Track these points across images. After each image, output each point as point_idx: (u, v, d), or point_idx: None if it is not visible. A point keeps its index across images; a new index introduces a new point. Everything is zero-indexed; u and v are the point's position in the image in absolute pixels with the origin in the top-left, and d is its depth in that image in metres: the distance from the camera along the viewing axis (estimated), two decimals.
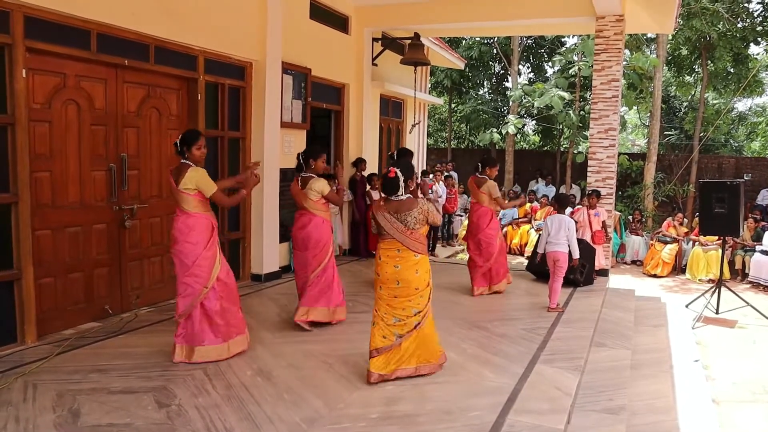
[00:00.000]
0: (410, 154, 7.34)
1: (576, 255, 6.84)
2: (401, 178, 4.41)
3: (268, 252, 7.68)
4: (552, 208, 7.18)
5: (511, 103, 19.70)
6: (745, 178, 17.51)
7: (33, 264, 5.04)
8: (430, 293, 4.59)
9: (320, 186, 5.65)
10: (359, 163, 9.71)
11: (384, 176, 4.50)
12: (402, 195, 4.46)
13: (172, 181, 4.77)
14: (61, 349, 4.95)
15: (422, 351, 4.59)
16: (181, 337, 4.77)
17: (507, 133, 17.99)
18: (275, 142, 7.66)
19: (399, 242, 4.44)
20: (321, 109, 9.32)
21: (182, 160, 4.76)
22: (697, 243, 11.85)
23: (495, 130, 18.98)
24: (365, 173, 9.67)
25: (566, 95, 16.20)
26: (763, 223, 11.65)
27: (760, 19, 17.75)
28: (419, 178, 5.00)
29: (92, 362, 4.71)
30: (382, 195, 4.57)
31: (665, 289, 10.85)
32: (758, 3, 18.08)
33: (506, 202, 7.28)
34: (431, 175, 11.72)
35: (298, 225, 5.72)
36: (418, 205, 4.44)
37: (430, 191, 10.83)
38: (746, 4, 17.46)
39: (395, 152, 7.38)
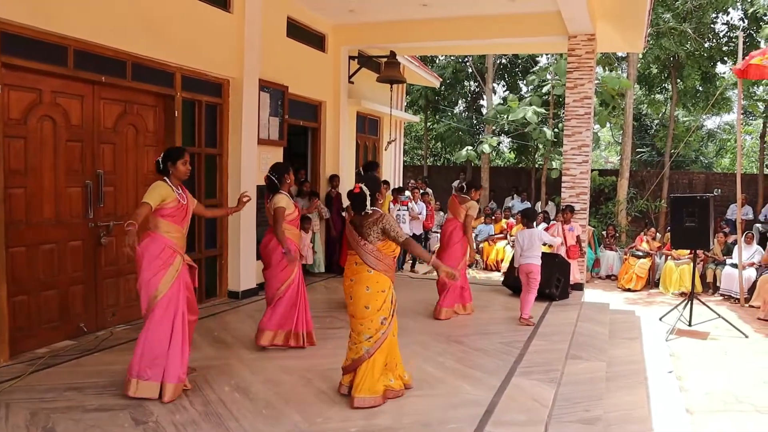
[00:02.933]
0: (376, 166, 7.37)
1: (537, 262, 6.94)
2: (367, 193, 4.32)
3: (245, 269, 7.65)
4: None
5: (485, 121, 19.95)
6: (716, 193, 17.89)
7: (6, 281, 4.97)
8: (385, 320, 4.31)
9: (278, 200, 5.44)
10: (333, 179, 9.75)
11: (350, 193, 4.44)
12: (369, 210, 4.34)
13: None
14: (35, 368, 4.87)
15: (366, 381, 4.30)
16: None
17: (482, 151, 18.20)
18: (252, 159, 7.67)
19: (357, 254, 4.34)
20: (298, 127, 9.35)
21: (164, 178, 4.52)
22: (669, 257, 12.05)
23: (470, 148, 19.18)
24: (340, 190, 9.69)
25: (541, 110, 16.48)
26: (733, 237, 11.89)
27: (725, 39, 18.26)
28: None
29: (67, 380, 4.64)
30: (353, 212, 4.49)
31: (639, 302, 11.00)
32: (723, 24, 18.62)
33: (469, 230, 7.28)
34: (407, 193, 11.79)
35: (264, 242, 5.60)
36: (382, 220, 4.28)
37: (404, 207, 10.91)
38: (712, 25, 17.95)
39: (361, 168, 7.42)
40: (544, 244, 7.30)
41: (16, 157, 5.13)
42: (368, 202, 4.32)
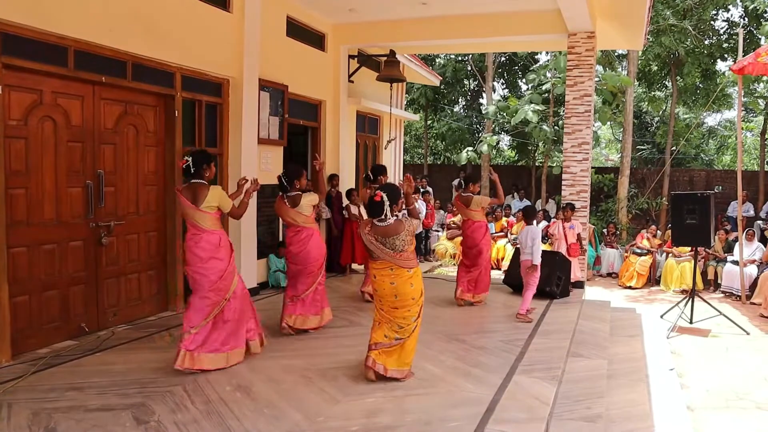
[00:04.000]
0: (385, 170, 7.48)
1: (537, 261, 6.96)
2: (387, 202, 4.48)
3: (245, 269, 7.64)
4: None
5: (485, 120, 19.94)
6: (716, 190, 17.89)
7: (8, 282, 4.98)
8: (422, 300, 4.78)
9: (311, 198, 5.89)
10: (333, 179, 9.76)
11: (370, 200, 4.59)
12: (389, 219, 4.54)
13: (185, 200, 4.83)
14: (37, 368, 4.88)
15: (409, 355, 4.79)
16: (187, 344, 4.78)
17: (482, 152, 18.20)
18: (252, 159, 7.68)
19: (392, 263, 4.57)
20: (298, 126, 9.35)
21: (192, 180, 4.86)
22: (670, 255, 12.05)
23: (470, 148, 19.16)
24: (340, 189, 9.69)
25: (540, 107, 16.48)
26: (734, 234, 11.88)
27: (725, 36, 18.24)
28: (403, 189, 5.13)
29: (69, 380, 4.65)
30: (369, 218, 4.68)
31: (640, 300, 11.00)
32: (723, 21, 18.61)
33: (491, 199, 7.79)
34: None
35: (298, 241, 5.88)
36: (404, 228, 4.55)
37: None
38: (712, 22, 17.94)
39: (370, 171, 7.51)
40: (544, 242, 7.33)
41: (17, 158, 5.13)
42: (387, 211, 4.52)
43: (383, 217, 4.52)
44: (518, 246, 7.59)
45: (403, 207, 4.76)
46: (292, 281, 6.05)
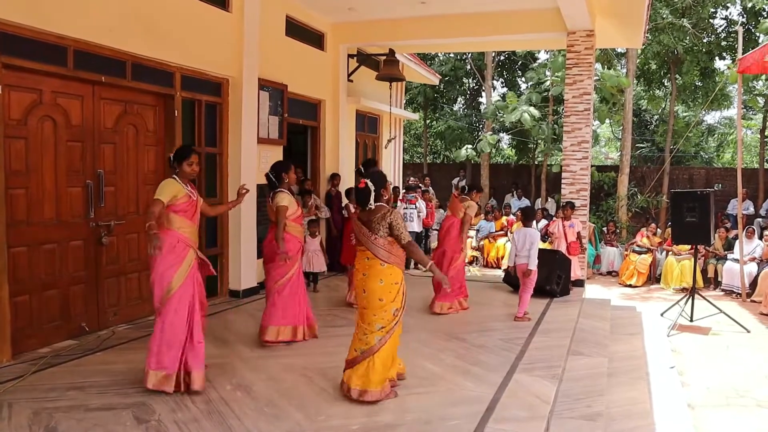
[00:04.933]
0: (374, 164, 7.42)
1: (533, 266, 6.87)
2: (372, 188, 4.39)
3: (245, 268, 7.66)
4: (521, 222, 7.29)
5: (484, 119, 19.93)
6: (716, 188, 17.88)
7: (8, 281, 4.98)
8: (397, 312, 4.39)
9: (280, 199, 5.51)
10: (333, 178, 9.75)
11: (355, 187, 4.53)
12: (372, 204, 4.43)
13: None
14: (37, 368, 4.88)
15: (376, 374, 4.35)
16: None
17: (482, 150, 18.20)
18: (252, 158, 7.68)
19: (368, 250, 4.38)
20: (297, 125, 9.35)
21: (173, 176, 4.64)
22: (670, 253, 12.05)
23: (470, 146, 19.16)
24: (340, 188, 9.69)
25: (536, 113, 16.52)
26: (734, 232, 11.89)
27: (724, 34, 18.22)
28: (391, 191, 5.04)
29: (69, 380, 4.65)
30: (357, 204, 4.56)
31: (640, 298, 11.00)
32: (722, 19, 18.58)
33: (466, 228, 7.34)
34: (413, 193, 11.75)
35: (267, 239, 5.70)
36: (389, 215, 4.36)
37: (412, 206, 10.95)
38: (711, 20, 17.92)
39: (362, 164, 7.48)
40: (544, 240, 7.31)
41: (17, 158, 5.14)
42: (372, 198, 4.38)
43: (370, 203, 4.41)
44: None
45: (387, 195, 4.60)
46: (266, 276, 5.74)
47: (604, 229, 14.37)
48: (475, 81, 22.95)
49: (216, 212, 5.49)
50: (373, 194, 4.39)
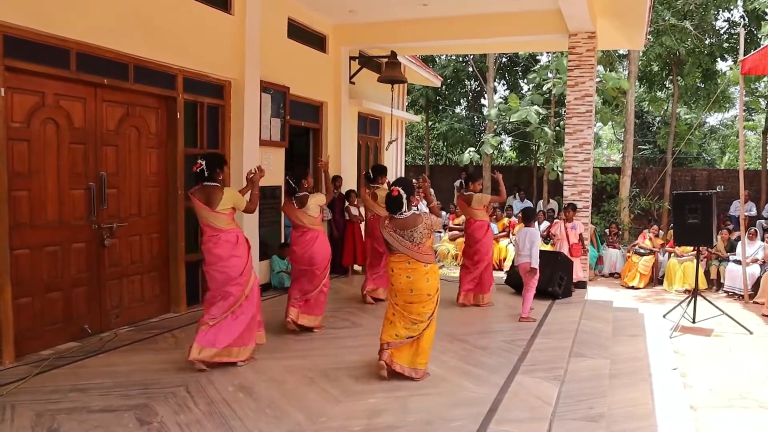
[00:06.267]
0: (385, 171, 7.51)
1: (535, 265, 6.90)
2: (404, 196, 4.67)
3: None
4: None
5: (487, 121, 19.93)
6: (718, 189, 17.86)
7: (11, 283, 4.99)
8: (438, 299, 4.87)
9: (318, 199, 5.97)
10: (335, 180, 9.76)
11: (388, 196, 4.75)
12: (406, 212, 4.71)
13: (199, 203, 4.93)
14: (40, 369, 4.89)
15: (424, 355, 4.86)
16: (202, 337, 4.87)
17: (484, 152, 18.20)
18: (254, 160, 7.67)
19: (410, 257, 4.70)
20: (299, 127, 9.37)
21: (205, 183, 4.99)
22: (672, 254, 12.04)
23: (472, 149, 19.17)
24: (342, 190, 9.70)
25: (542, 111, 16.48)
26: (737, 234, 11.87)
27: (726, 36, 18.21)
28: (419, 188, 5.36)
29: (72, 382, 4.66)
30: (388, 213, 4.81)
31: (642, 300, 10.99)
32: (724, 21, 18.58)
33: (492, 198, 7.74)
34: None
35: (303, 243, 5.92)
36: (422, 221, 4.70)
37: (414, 207, 10.94)
38: (713, 22, 17.91)
39: (370, 170, 7.56)
40: (546, 242, 7.31)
41: (20, 160, 5.15)
42: (405, 205, 4.71)
43: (402, 210, 4.69)
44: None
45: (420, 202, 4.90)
46: (296, 282, 6.09)
47: (606, 230, 14.35)
48: (477, 83, 22.96)
49: (255, 207, 5.58)
50: (405, 201, 4.69)
